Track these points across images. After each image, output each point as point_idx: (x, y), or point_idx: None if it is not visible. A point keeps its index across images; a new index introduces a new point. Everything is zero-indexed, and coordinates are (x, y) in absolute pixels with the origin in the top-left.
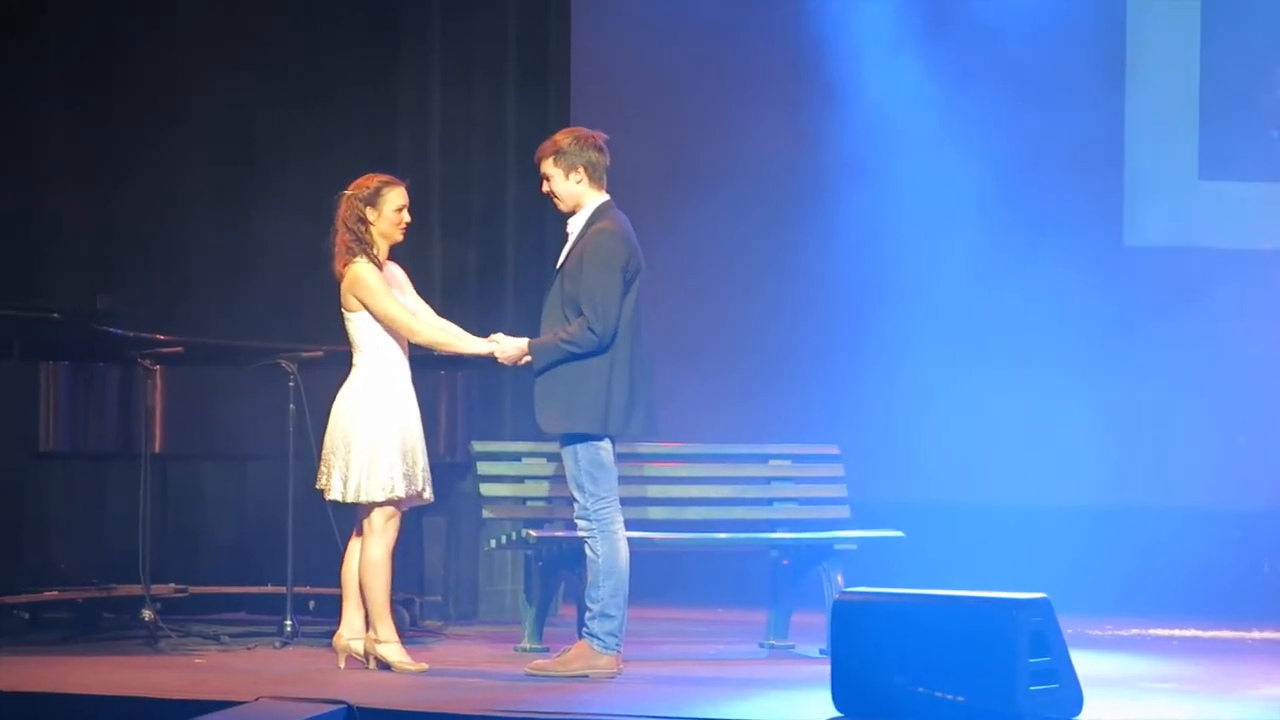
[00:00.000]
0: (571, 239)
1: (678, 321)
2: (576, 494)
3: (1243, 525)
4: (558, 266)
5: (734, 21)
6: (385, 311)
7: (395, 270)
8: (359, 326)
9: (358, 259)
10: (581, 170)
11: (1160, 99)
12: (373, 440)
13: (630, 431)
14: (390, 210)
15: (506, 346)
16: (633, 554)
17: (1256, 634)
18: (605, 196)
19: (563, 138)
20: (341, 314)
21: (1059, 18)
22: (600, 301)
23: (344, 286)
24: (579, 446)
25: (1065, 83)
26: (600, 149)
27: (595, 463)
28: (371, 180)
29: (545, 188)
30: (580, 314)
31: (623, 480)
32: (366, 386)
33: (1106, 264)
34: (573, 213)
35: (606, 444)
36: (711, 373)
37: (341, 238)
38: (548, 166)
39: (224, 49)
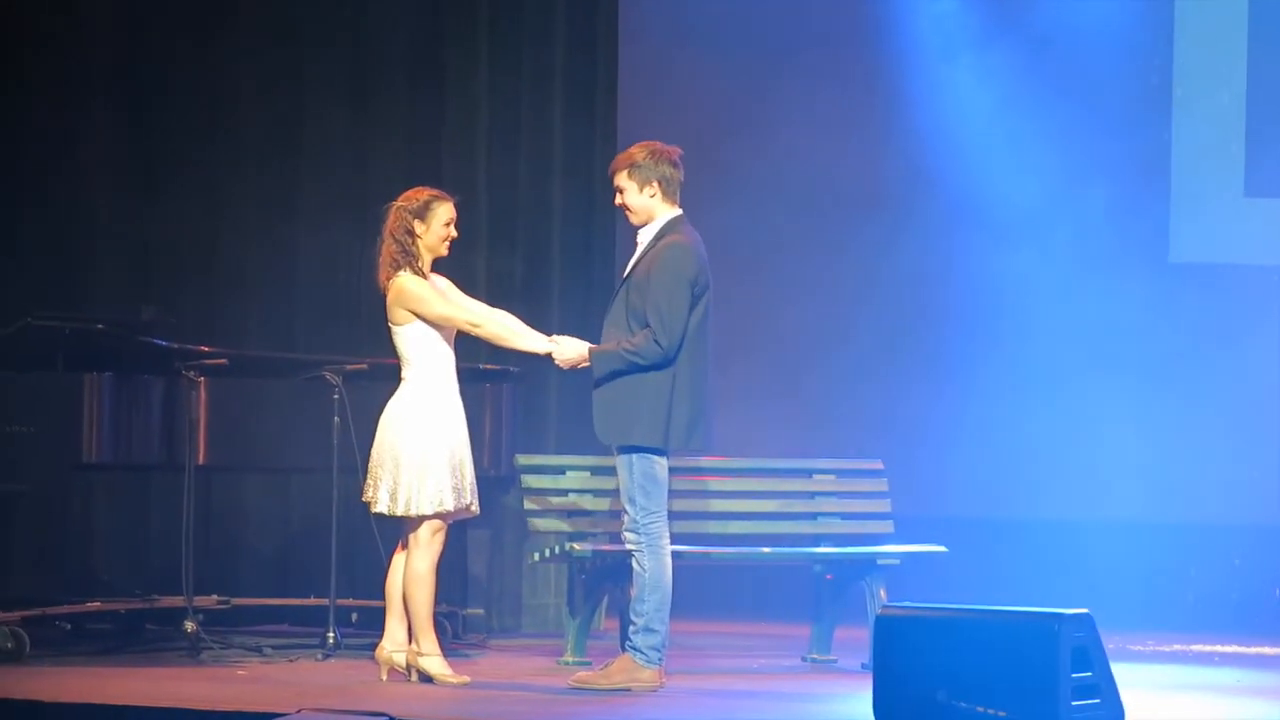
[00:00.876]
0: (640, 249)
1: (723, 335)
2: (628, 506)
3: None
4: (624, 276)
5: (785, 32)
6: (440, 314)
7: (440, 280)
8: (407, 339)
9: (402, 271)
10: (656, 185)
11: (1207, 116)
12: (422, 454)
13: (690, 448)
14: (438, 225)
15: (566, 348)
16: (676, 567)
17: None
18: (678, 211)
19: (638, 151)
20: (388, 328)
21: (1107, 33)
22: (667, 314)
23: (390, 300)
24: (635, 459)
25: (1112, 99)
26: (675, 164)
27: (649, 476)
28: (422, 193)
29: (618, 200)
30: (645, 325)
31: (669, 494)
32: (415, 400)
33: (1151, 281)
34: (644, 226)
35: (662, 459)
36: (756, 387)
37: (388, 249)
38: (622, 179)
39: (270, 59)
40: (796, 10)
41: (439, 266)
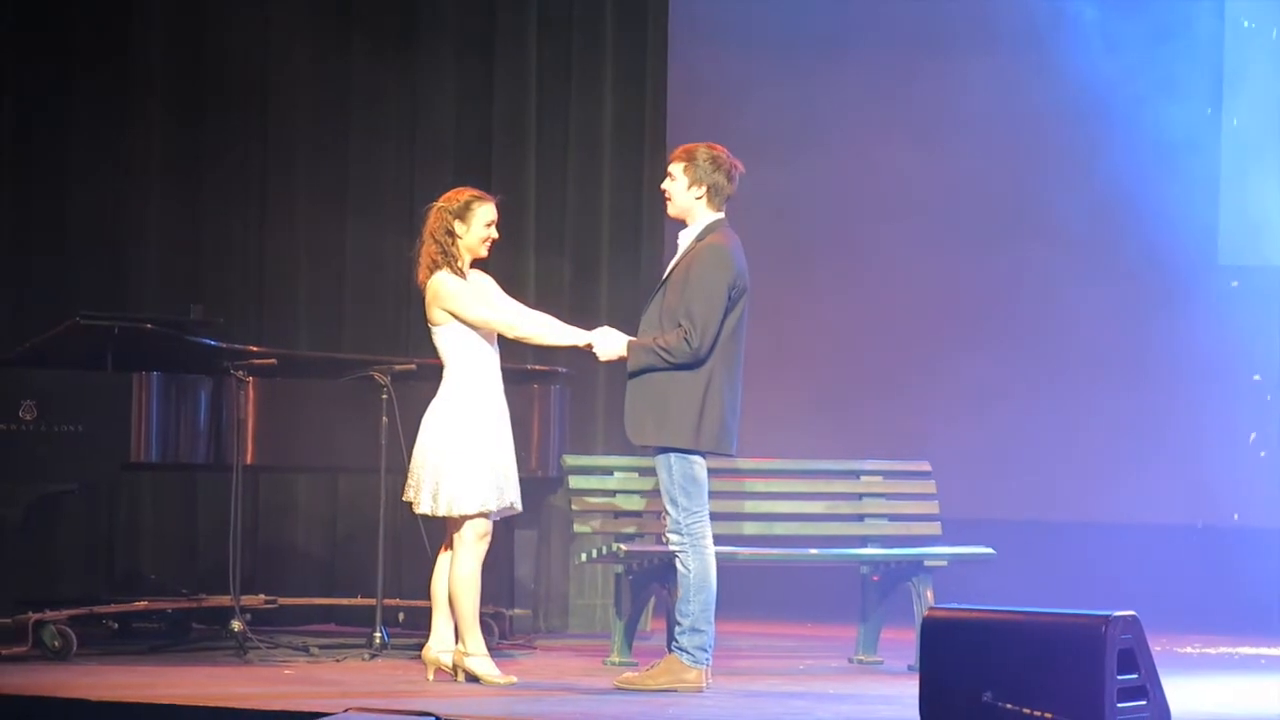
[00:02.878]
0: (680, 250)
1: (772, 336)
2: (669, 507)
3: None
4: (663, 277)
5: (831, 35)
6: (476, 316)
7: (480, 278)
8: (447, 339)
9: (440, 271)
10: (704, 188)
11: (1257, 117)
12: (464, 454)
13: (722, 449)
14: (479, 225)
15: (607, 341)
16: (722, 568)
17: None
18: (720, 215)
19: (702, 149)
20: (429, 329)
21: (1158, 35)
22: (700, 315)
23: (428, 300)
24: (673, 459)
25: (1162, 100)
26: (730, 177)
27: (689, 477)
28: (463, 194)
29: (664, 183)
30: (679, 325)
31: (714, 495)
32: (457, 400)
33: (1201, 283)
34: (681, 222)
35: (700, 459)
36: (805, 388)
37: (428, 249)
38: (675, 169)
39: (319, 61)
40: (842, 16)
41: (485, 267)
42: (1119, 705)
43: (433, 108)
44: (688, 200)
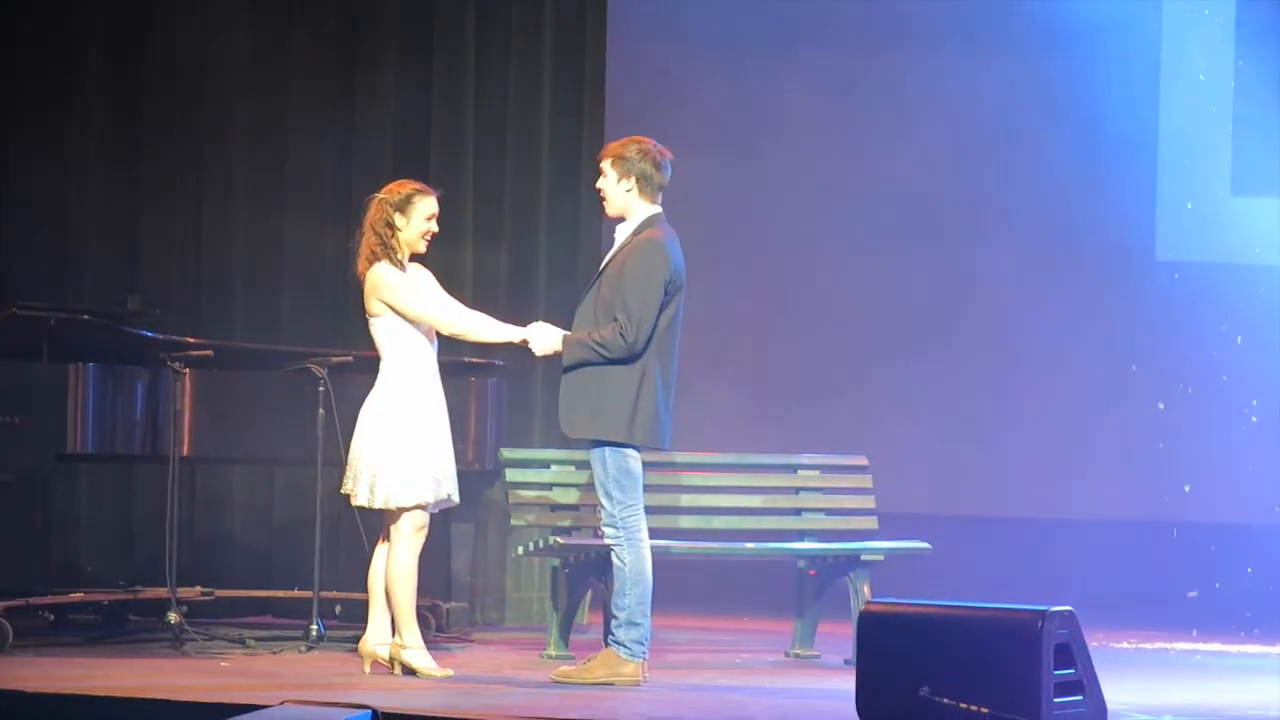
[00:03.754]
0: (617, 244)
1: (709, 331)
2: (604, 501)
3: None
4: (599, 270)
5: (775, 31)
6: (413, 310)
7: (419, 272)
8: (384, 332)
9: (379, 263)
10: (633, 180)
11: (1194, 115)
12: (401, 447)
13: (656, 443)
14: (419, 219)
15: (542, 335)
16: (659, 562)
17: None
18: (656, 209)
19: (627, 144)
20: (366, 320)
21: (1095, 32)
22: (636, 310)
23: (366, 291)
24: (607, 453)
25: (1098, 98)
26: (659, 165)
27: (623, 470)
28: (405, 186)
29: (598, 182)
30: (614, 319)
31: (651, 489)
32: (394, 392)
33: (1138, 279)
34: (619, 219)
35: (634, 452)
36: (742, 383)
37: (368, 240)
38: (605, 165)
39: (257, 51)
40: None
41: (424, 260)
42: (1055, 700)
43: (371, 100)
44: (620, 195)
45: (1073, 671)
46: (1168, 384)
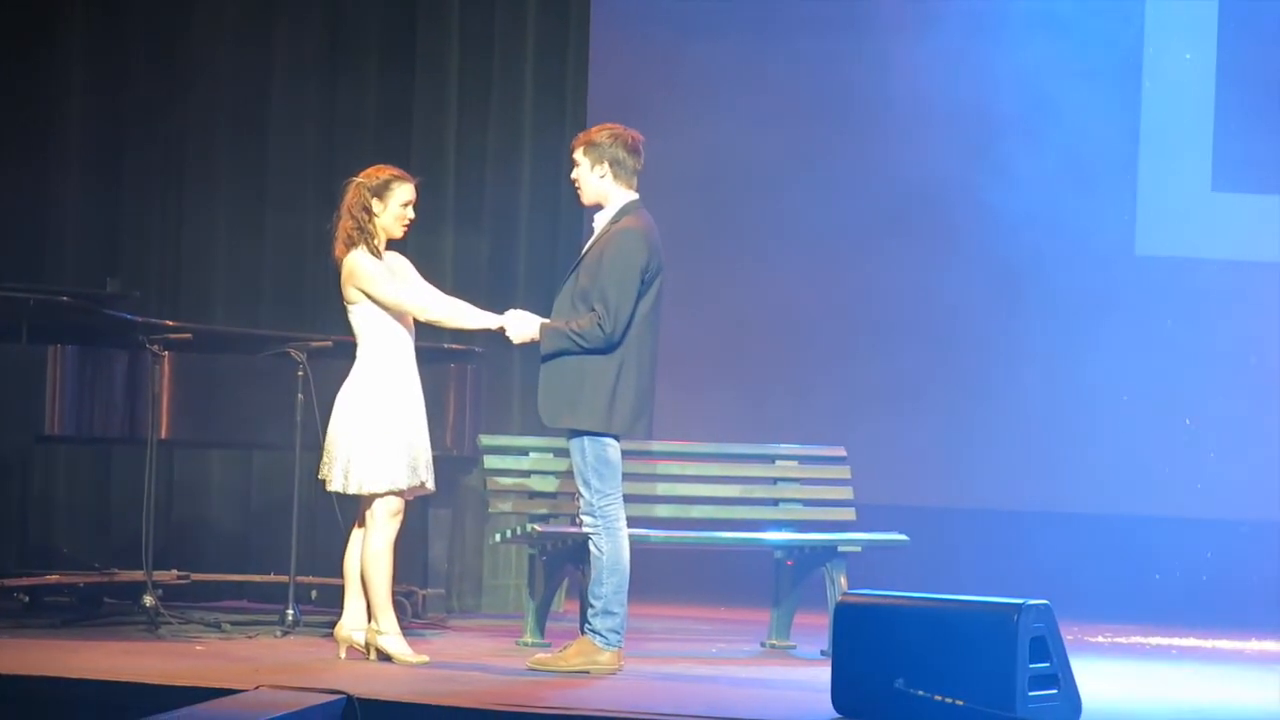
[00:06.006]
0: (596, 232)
1: (688, 320)
2: (582, 489)
3: (1256, 534)
4: (578, 258)
5: (755, 20)
6: (388, 296)
7: (396, 259)
8: (361, 318)
9: (356, 249)
10: (607, 166)
11: (1174, 111)
12: (376, 432)
13: (635, 432)
14: (396, 205)
15: (519, 323)
16: (636, 551)
17: (1255, 644)
18: (633, 195)
19: (598, 131)
20: (344, 306)
21: (1076, 27)
22: (614, 299)
23: (343, 278)
24: (586, 442)
25: (1079, 92)
26: (631, 149)
27: (602, 459)
28: (383, 171)
29: (573, 173)
30: (591, 308)
31: (629, 478)
32: (370, 378)
33: (1118, 274)
34: (596, 207)
35: (613, 441)
36: (721, 373)
37: (344, 224)
38: (578, 155)
39: (239, 34)
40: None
41: (404, 244)
42: (1030, 693)
43: (353, 85)
44: (594, 182)
45: (1048, 665)
46: (1145, 378)
